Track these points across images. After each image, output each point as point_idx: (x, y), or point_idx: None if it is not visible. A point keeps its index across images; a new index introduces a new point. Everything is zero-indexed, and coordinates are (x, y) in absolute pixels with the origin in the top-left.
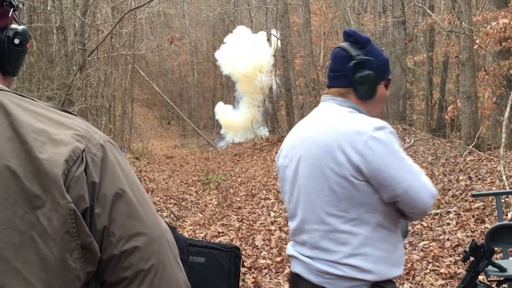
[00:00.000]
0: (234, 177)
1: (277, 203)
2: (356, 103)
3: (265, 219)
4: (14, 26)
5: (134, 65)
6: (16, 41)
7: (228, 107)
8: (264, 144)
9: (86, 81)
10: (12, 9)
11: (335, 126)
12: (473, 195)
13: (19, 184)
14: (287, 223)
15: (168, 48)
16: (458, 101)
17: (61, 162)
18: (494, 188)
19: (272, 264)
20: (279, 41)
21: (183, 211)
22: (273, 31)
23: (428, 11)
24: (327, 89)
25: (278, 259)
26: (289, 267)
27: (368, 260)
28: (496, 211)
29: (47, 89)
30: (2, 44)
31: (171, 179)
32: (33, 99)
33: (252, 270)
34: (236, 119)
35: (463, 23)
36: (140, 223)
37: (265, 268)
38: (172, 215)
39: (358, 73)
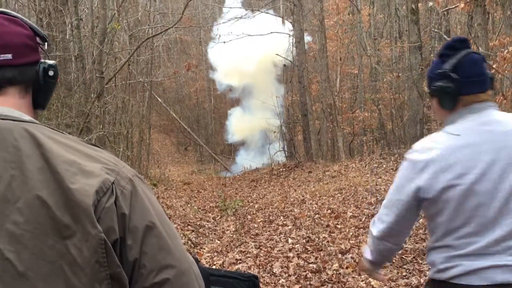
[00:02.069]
0: (252, 203)
1: (294, 230)
2: None
3: (283, 246)
4: (47, 60)
5: (152, 92)
6: (51, 73)
7: (239, 109)
8: (281, 169)
9: (104, 108)
10: (45, 43)
11: None
12: None
13: (50, 214)
14: (305, 250)
15: (185, 75)
16: None
17: (92, 193)
18: None
19: None
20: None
21: (201, 238)
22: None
23: (444, 36)
24: (477, 95)
25: (297, 286)
26: None
27: None
28: None
29: (66, 117)
30: (37, 77)
31: (189, 205)
32: (63, 133)
33: None
34: (245, 122)
35: (479, 48)
36: (170, 256)
37: None
38: (189, 242)
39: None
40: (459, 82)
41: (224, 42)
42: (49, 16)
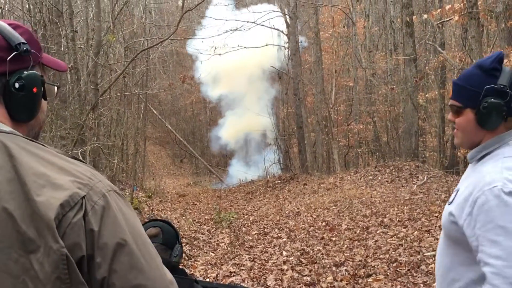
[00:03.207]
0: (247, 216)
1: (289, 242)
2: None
3: (277, 259)
4: (25, 71)
5: (147, 104)
6: (16, 85)
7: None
8: (276, 182)
9: (99, 120)
10: (14, 53)
11: None
12: None
13: (16, 227)
14: (299, 262)
15: (180, 87)
16: None
17: (56, 206)
18: None
19: None
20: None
21: (195, 250)
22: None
23: (439, 48)
24: None
25: None
26: None
27: None
28: None
29: (60, 128)
30: (3, 90)
31: (184, 217)
32: (43, 144)
33: None
34: (237, 124)
35: (473, 60)
36: (142, 275)
37: None
38: (184, 255)
39: None
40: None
41: (220, 54)
42: (45, 28)
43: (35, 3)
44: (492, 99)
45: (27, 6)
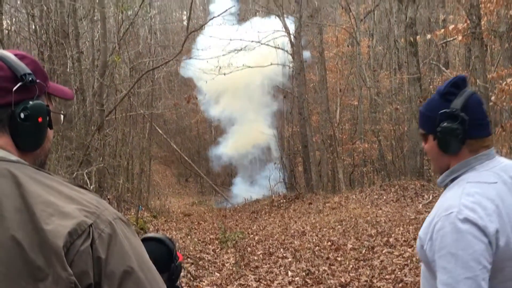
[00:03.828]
0: (252, 235)
1: (294, 262)
2: None
3: (282, 279)
4: (31, 101)
5: (152, 123)
6: (22, 115)
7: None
8: (281, 201)
9: (104, 140)
10: (19, 84)
11: None
12: None
13: (24, 256)
14: (304, 283)
15: (185, 106)
16: None
17: (64, 234)
18: None
19: None
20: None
21: (200, 271)
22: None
23: (443, 68)
24: (484, 140)
25: None
26: None
27: None
28: None
29: (66, 149)
30: (9, 120)
31: (189, 237)
32: (49, 173)
33: None
34: (239, 139)
35: (477, 80)
36: None
37: None
38: (189, 275)
39: None
40: (467, 124)
41: (225, 74)
42: (51, 49)
43: (42, 25)
44: (445, 124)
45: (33, 27)
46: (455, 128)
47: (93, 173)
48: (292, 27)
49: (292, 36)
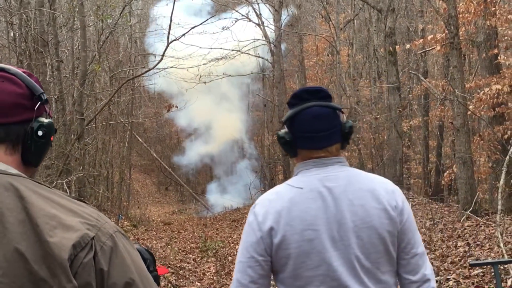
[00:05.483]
0: (232, 244)
1: None
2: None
3: None
4: (41, 118)
5: (132, 132)
6: (40, 133)
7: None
8: None
9: (84, 150)
10: (39, 102)
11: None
12: (470, 265)
13: (27, 267)
14: None
15: (165, 115)
16: (454, 166)
17: (69, 247)
18: (492, 254)
19: None
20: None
21: (181, 280)
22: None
23: (422, 77)
24: (311, 151)
25: None
26: None
27: None
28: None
29: (45, 158)
30: (26, 135)
31: (169, 246)
32: (49, 187)
33: None
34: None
35: (456, 90)
36: None
37: None
38: (169, 285)
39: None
40: (293, 135)
41: (205, 82)
42: (30, 57)
43: (21, 33)
44: (280, 130)
45: (12, 35)
46: (281, 136)
47: (72, 182)
48: (272, 36)
49: (272, 45)
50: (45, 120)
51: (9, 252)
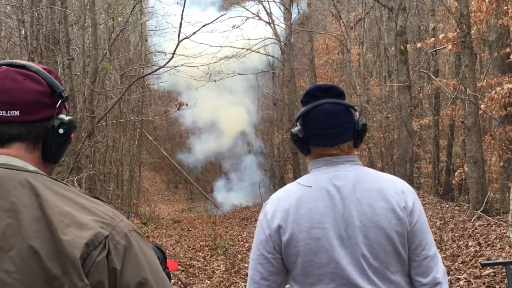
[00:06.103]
0: (242, 242)
1: None
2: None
3: None
4: (62, 116)
5: (142, 130)
6: (61, 130)
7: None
8: None
9: (95, 148)
10: (60, 100)
11: None
12: (482, 264)
13: (41, 265)
14: None
15: (176, 113)
16: (465, 165)
17: (82, 245)
18: (504, 254)
19: None
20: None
21: (191, 278)
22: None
23: (433, 76)
24: (324, 148)
25: None
26: None
27: None
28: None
29: None
30: (47, 133)
31: (179, 244)
32: (66, 184)
33: None
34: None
35: (467, 89)
36: None
37: None
38: (179, 282)
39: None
40: (305, 132)
41: (215, 81)
42: (41, 55)
43: (32, 31)
44: (294, 128)
45: (23, 33)
46: (294, 134)
47: (83, 180)
48: (282, 34)
49: (282, 44)
50: (65, 117)
51: (23, 249)
